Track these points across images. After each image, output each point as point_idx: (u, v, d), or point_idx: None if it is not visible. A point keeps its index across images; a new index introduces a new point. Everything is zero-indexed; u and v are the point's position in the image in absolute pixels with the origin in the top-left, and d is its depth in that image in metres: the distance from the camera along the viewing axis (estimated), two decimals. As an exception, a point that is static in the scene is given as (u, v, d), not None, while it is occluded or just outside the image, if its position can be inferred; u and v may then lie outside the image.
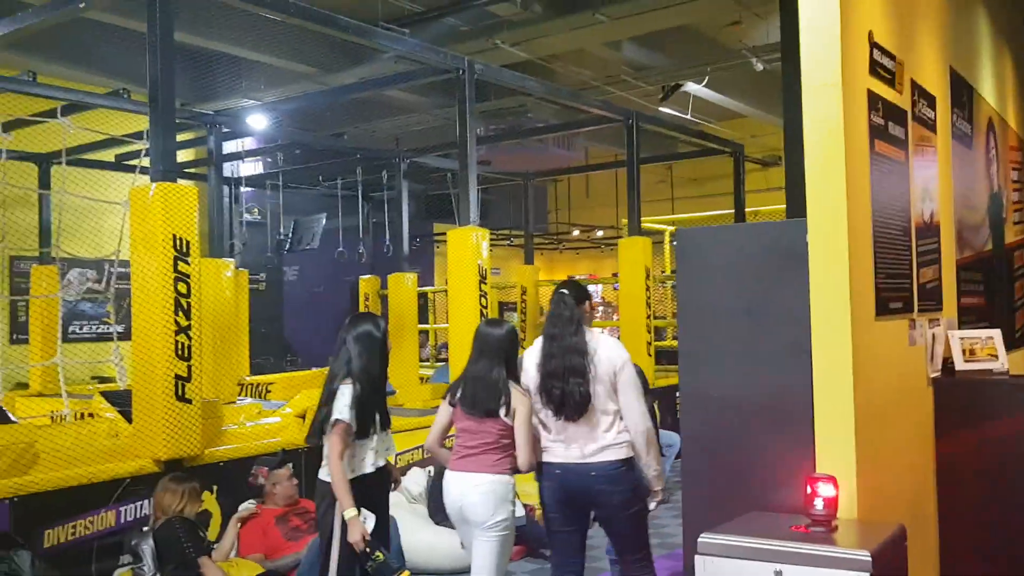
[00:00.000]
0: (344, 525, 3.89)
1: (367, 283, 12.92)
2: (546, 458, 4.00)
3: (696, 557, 2.82)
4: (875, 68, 3.36)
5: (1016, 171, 5.84)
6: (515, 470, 4.20)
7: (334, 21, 6.39)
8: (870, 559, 2.57)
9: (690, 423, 3.41)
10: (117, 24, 9.20)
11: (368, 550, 3.84)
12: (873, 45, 3.35)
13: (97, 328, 12.69)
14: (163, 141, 5.72)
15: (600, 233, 19.13)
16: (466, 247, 7.28)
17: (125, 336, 7.36)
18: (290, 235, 12.92)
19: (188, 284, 5.59)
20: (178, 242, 5.56)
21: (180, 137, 12.02)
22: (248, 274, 11.09)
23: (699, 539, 2.83)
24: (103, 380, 11.47)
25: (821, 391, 3.08)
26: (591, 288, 19.94)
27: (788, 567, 2.68)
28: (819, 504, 2.87)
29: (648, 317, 9.36)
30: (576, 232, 19.54)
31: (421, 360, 11.79)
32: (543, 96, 9.89)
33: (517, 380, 4.17)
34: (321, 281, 16.52)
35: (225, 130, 9.73)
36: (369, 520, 3.90)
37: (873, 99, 3.33)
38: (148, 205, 5.53)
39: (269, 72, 11.41)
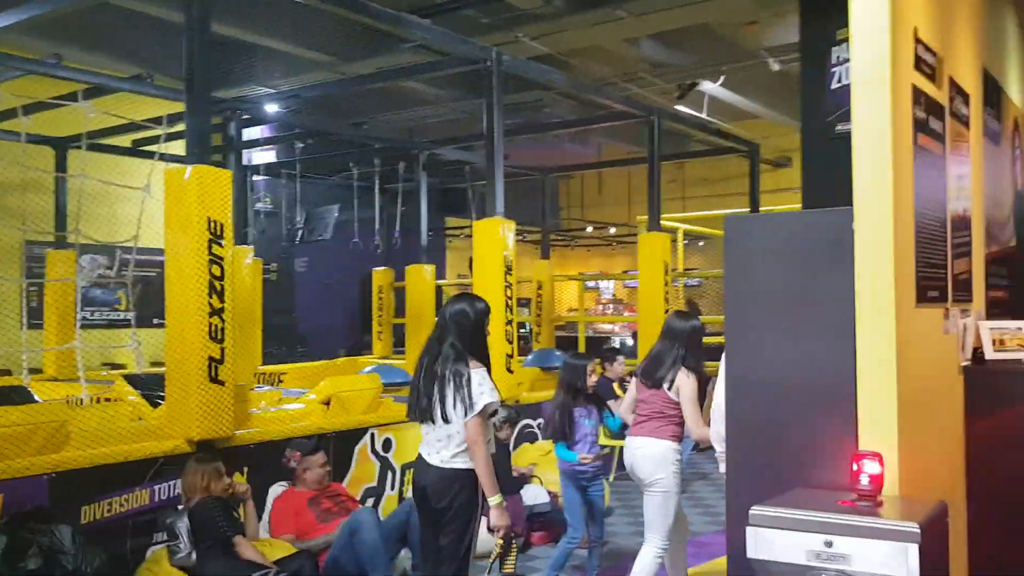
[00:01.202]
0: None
1: (381, 275, 13.02)
2: None
3: (748, 528, 2.91)
4: (919, 64, 3.46)
5: (1039, 171, 5.94)
6: (678, 438, 4.91)
7: (365, 8, 6.48)
8: (919, 530, 2.67)
9: (736, 406, 3.51)
10: (138, 10, 9.30)
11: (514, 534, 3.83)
12: (917, 41, 3.44)
13: (108, 314, 12.79)
14: (199, 124, 5.82)
15: (613, 230, 19.25)
16: (493, 238, 7.37)
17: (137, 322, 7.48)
18: (303, 225, 13.01)
19: (222, 267, 5.69)
20: (213, 225, 5.65)
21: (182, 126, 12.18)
22: (262, 263, 11.19)
23: (751, 511, 2.92)
24: (114, 367, 11.57)
25: (865, 373, 3.18)
26: (602, 284, 20.08)
27: (838, 538, 2.77)
28: (865, 480, 2.96)
29: (666, 312, 9.45)
30: (590, 229, 19.66)
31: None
32: (567, 90, 9.98)
33: (694, 369, 4.96)
34: (331, 273, 16.63)
35: (244, 117, 9.80)
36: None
37: (916, 94, 3.43)
38: (184, 188, 5.62)
39: (284, 60, 11.49)
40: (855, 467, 3.00)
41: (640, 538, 6.54)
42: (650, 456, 4.89)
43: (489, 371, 3.92)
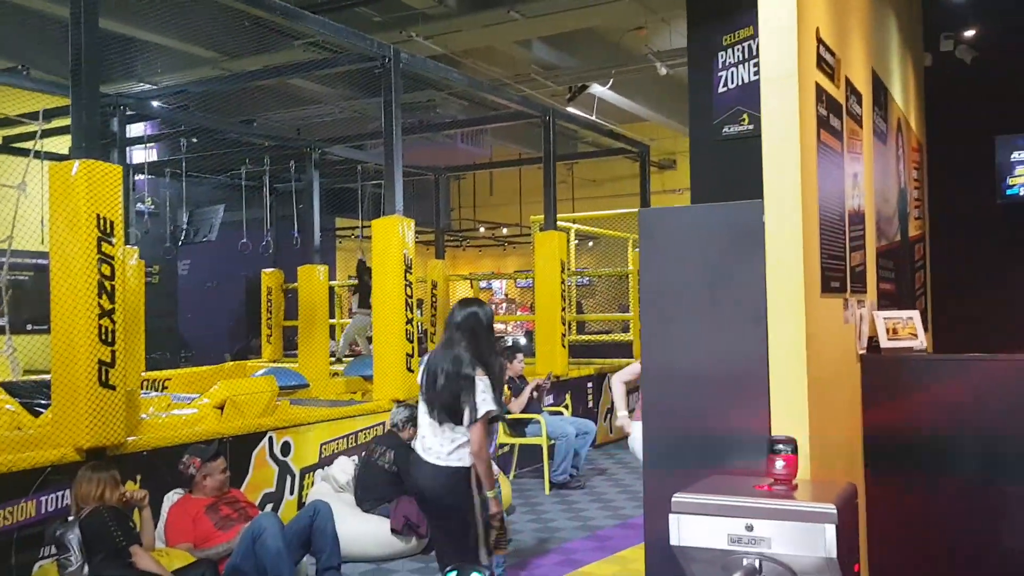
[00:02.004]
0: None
1: (270, 277, 12.73)
2: None
3: (671, 516, 2.95)
4: (821, 63, 3.59)
5: (916, 170, 6.25)
6: None
7: (262, 3, 6.32)
8: (835, 511, 2.76)
9: (652, 395, 3.56)
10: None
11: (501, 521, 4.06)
12: (819, 41, 3.57)
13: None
14: (87, 118, 5.56)
15: (505, 231, 19.35)
16: (392, 236, 7.30)
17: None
18: (187, 226, 12.60)
19: (112, 266, 5.44)
20: (102, 222, 5.40)
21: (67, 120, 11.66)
22: (144, 265, 10.78)
23: (673, 498, 2.97)
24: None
25: (777, 360, 3.28)
26: (494, 284, 20.19)
27: (758, 521, 2.85)
28: (779, 464, 3.05)
29: (563, 310, 9.56)
30: (482, 229, 19.71)
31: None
32: (465, 90, 9.97)
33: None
34: (214, 275, 16.17)
35: (129, 113, 9.42)
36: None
37: (819, 92, 3.56)
38: (71, 183, 5.36)
39: (166, 55, 11.13)
40: (770, 452, 3.09)
41: (543, 535, 6.62)
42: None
43: (492, 376, 4.04)
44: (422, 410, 4.15)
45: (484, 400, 3.95)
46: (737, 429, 3.42)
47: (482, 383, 3.96)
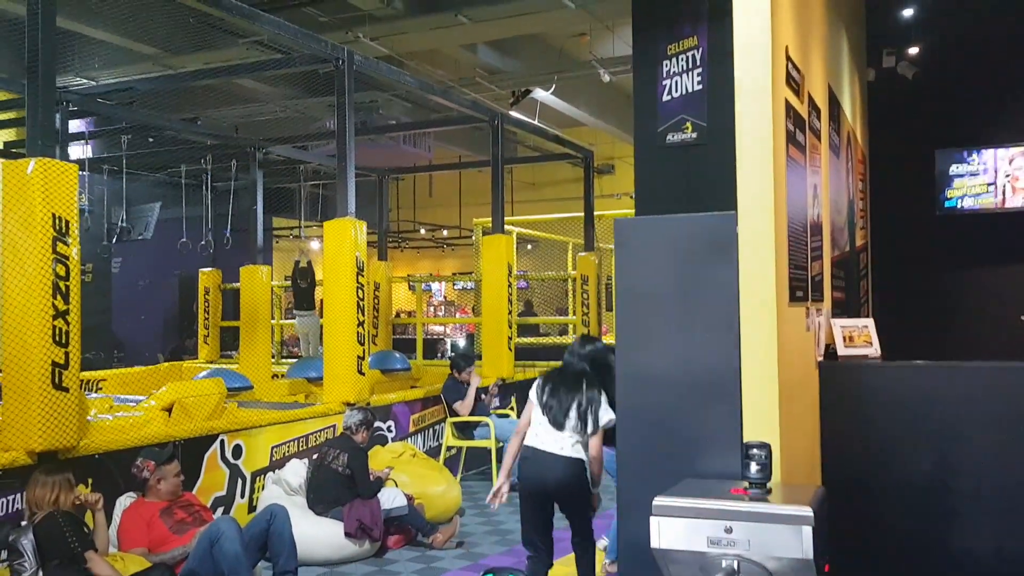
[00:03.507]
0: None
1: (208, 276, 12.52)
2: None
3: (652, 519, 3.04)
4: (789, 79, 3.72)
5: (861, 182, 6.48)
6: None
7: (219, 1, 6.26)
8: (812, 514, 2.88)
9: (626, 401, 3.65)
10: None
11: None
12: (788, 59, 3.71)
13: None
14: (43, 115, 5.44)
15: (445, 232, 19.35)
16: (344, 239, 7.27)
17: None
18: (120, 224, 12.33)
19: (67, 266, 5.34)
20: (58, 222, 5.30)
21: (5, 115, 11.33)
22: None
23: (654, 501, 3.05)
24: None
25: (749, 366, 3.39)
26: (433, 286, 20.19)
27: (737, 523, 2.95)
28: (754, 468, 3.16)
29: (509, 313, 9.62)
30: (423, 231, 19.67)
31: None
32: (415, 92, 9.96)
33: None
34: (146, 274, 15.85)
35: (72, 109, 9.20)
36: None
37: (788, 107, 3.69)
38: (26, 182, 5.24)
39: (105, 50, 10.90)
40: (745, 456, 3.20)
41: (494, 538, 6.67)
42: None
43: (610, 397, 4.64)
44: (541, 417, 4.77)
45: (606, 412, 4.66)
46: (709, 433, 3.53)
47: (604, 400, 4.69)
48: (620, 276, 3.65)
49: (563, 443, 4.68)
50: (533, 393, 4.88)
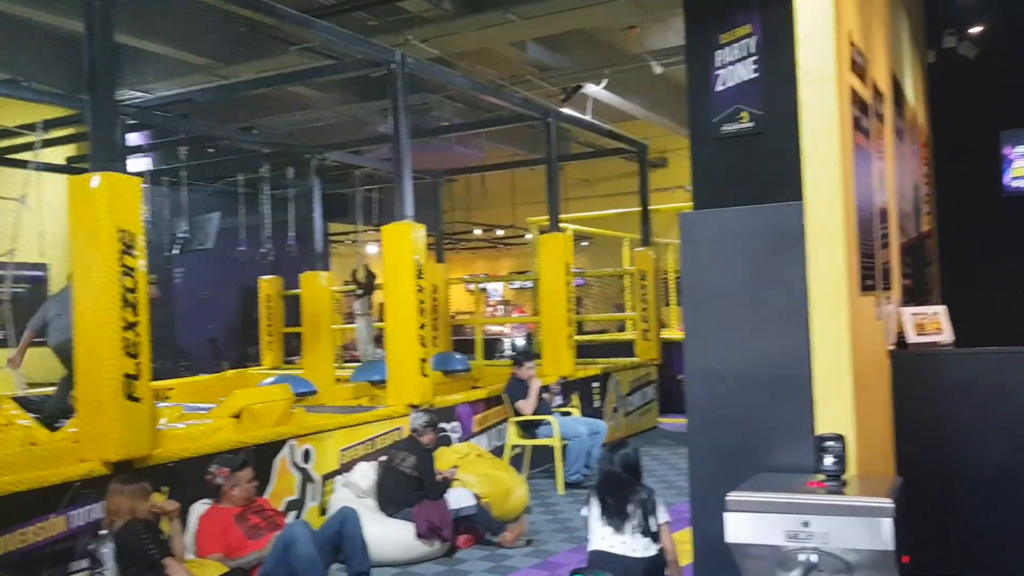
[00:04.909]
0: None
1: (268, 284, 12.70)
2: None
3: (726, 514, 3.02)
4: (854, 66, 3.66)
5: (925, 166, 6.34)
6: None
7: (270, 8, 6.33)
8: (893, 506, 2.83)
9: (695, 396, 3.62)
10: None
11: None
12: (852, 45, 3.64)
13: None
14: (104, 129, 5.56)
15: (500, 232, 19.37)
16: (403, 242, 7.31)
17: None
18: (182, 235, 12.56)
19: (135, 279, 5.44)
20: (124, 235, 5.41)
21: (64, 131, 11.61)
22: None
23: (727, 497, 3.03)
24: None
25: (821, 358, 3.34)
26: (490, 287, 20.15)
27: (815, 518, 2.91)
28: (829, 460, 3.12)
29: (569, 311, 9.60)
30: (478, 231, 19.71)
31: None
32: (468, 92, 9.99)
33: None
34: (208, 285, 16.11)
35: (130, 122, 9.39)
36: None
37: (853, 94, 3.62)
38: (91, 196, 5.35)
39: (158, 62, 11.11)
40: (819, 449, 3.15)
41: (563, 534, 6.66)
42: None
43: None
44: (602, 524, 4.61)
45: (663, 511, 4.53)
46: (780, 427, 3.49)
47: (661, 499, 4.57)
48: (686, 270, 3.63)
49: (634, 545, 4.55)
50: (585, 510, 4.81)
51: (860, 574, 2.93)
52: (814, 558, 2.94)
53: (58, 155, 12.06)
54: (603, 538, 4.60)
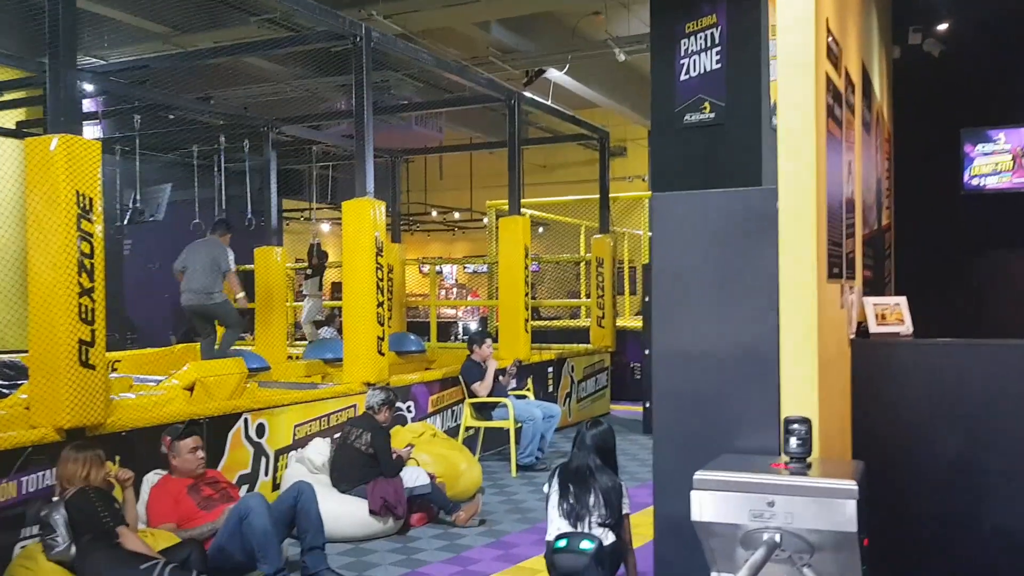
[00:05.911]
0: None
1: (221, 258, 12.48)
2: None
3: (692, 493, 3.03)
4: (829, 53, 3.69)
5: (887, 160, 6.44)
6: None
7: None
8: (857, 487, 2.87)
9: (662, 378, 3.64)
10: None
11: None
12: (829, 32, 3.68)
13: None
14: (64, 91, 5.42)
15: (457, 215, 19.30)
16: (363, 219, 7.25)
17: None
18: (134, 205, 12.29)
19: (92, 244, 5.34)
20: (82, 199, 5.30)
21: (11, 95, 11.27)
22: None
23: (695, 476, 3.05)
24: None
25: (789, 343, 3.38)
26: (444, 269, 20.15)
27: (780, 498, 2.95)
28: (794, 443, 3.16)
29: (527, 295, 9.61)
30: (435, 213, 19.62)
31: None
32: (424, 71, 9.92)
33: None
34: (157, 257, 15.82)
35: (84, 87, 9.15)
36: None
37: (828, 81, 3.66)
38: (49, 159, 5.23)
39: (116, 28, 10.87)
40: (786, 431, 3.19)
41: (515, 516, 6.68)
42: None
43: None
44: (559, 514, 4.55)
45: (626, 503, 4.58)
46: (746, 410, 3.52)
47: (625, 490, 4.61)
48: (656, 253, 3.64)
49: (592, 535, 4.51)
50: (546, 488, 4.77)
51: (822, 554, 2.97)
52: (777, 537, 2.98)
53: (7, 119, 11.74)
54: (559, 529, 4.56)
